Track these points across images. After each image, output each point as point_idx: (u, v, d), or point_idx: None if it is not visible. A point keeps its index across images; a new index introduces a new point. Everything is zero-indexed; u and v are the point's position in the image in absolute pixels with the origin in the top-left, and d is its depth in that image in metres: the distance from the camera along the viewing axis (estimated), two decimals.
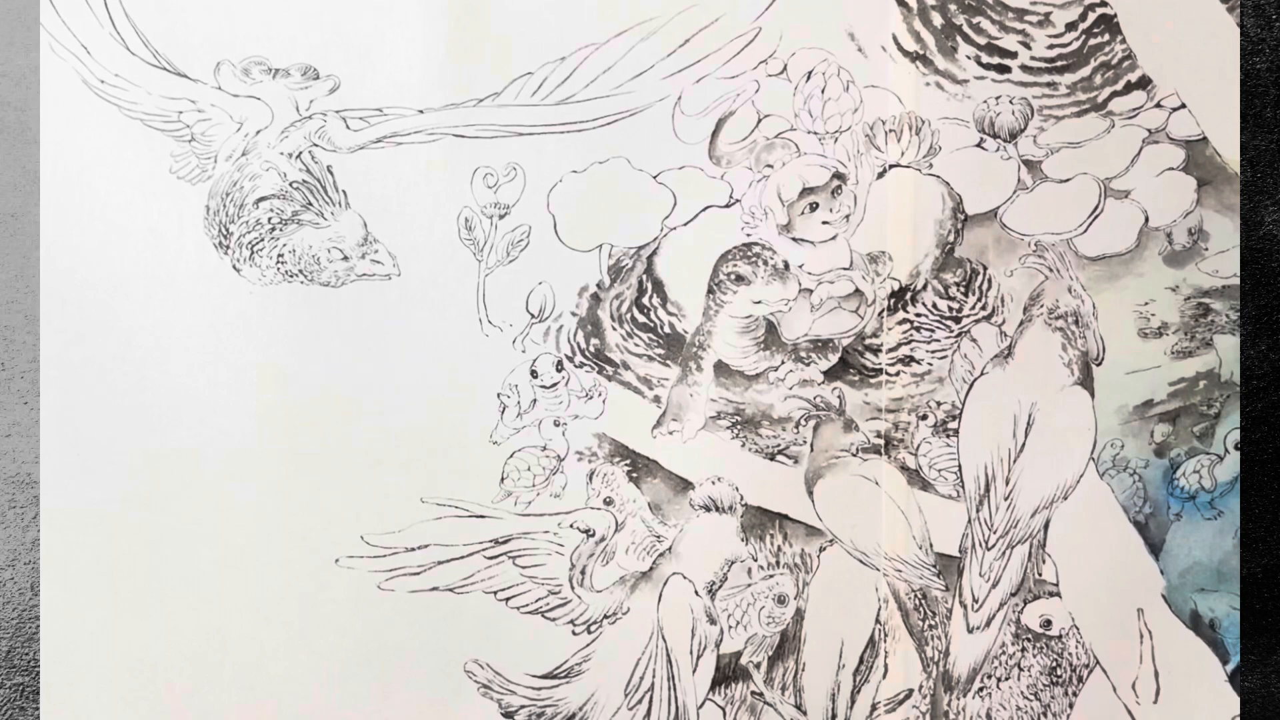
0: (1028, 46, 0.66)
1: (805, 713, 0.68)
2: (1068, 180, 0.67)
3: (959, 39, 0.66)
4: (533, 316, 0.65)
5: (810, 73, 0.65)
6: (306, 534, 0.65)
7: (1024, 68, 0.66)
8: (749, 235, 0.66)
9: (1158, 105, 0.66)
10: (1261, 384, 0.68)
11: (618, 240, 0.65)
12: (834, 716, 0.68)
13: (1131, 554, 0.68)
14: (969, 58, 0.66)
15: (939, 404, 0.67)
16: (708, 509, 0.66)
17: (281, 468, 0.64)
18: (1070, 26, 0.66)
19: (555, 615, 0.66)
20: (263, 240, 0.64)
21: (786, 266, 0.66)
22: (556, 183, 0.65)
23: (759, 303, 0.66)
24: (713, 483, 0.66)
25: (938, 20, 0.66)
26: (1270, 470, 0.69)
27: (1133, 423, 0.67)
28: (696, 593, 0.67)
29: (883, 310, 0.66)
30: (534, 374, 0.65)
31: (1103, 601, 0.68)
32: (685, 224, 0.66)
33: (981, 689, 0.68)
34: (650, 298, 0.66)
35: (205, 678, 0.65)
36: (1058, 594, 0.68)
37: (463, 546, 0.65)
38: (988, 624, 0.68)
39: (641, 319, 0.66)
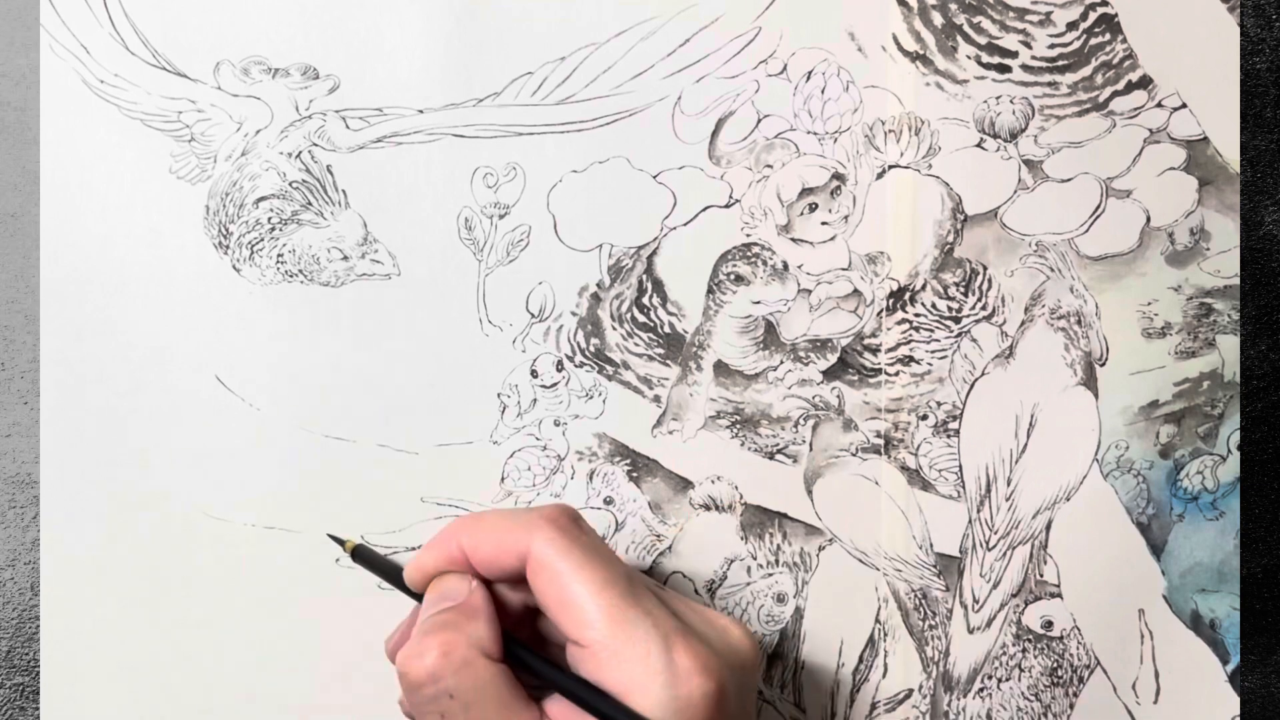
0: (1028, 46, 0.66)
1: (804, 711, 0.68)
2: (1069, 180, 0.66)
3: (959, 39, 0.66)
4: (533, 316, 0.65)
5: (810, 73, 0.65)
6: (306, 534, 0.65)
7: (1025, 67, 0.66)
8: (748, 235, 0.66)
9: (1159, 105, 0.66)
10: (1261, 384, 0.68)
11: (618, 240, 0.65)
12: (833, 715, 0.68)
13: (1133, 555, 0.68)
14: (969, 58, 0.66)
15: (939, 404, 0.67)
16: (707, 508, 0.66)
17: (281, 467, 0.64)
18: (1071, 26, 0.66)
19: None
20: (262, 240, 0.64)
21: (786, 267, 0.66)
22: (556, 183, 0.65)
23: (758, 303, 0.66)
24: (712, 482, 0.66)
25: (938, 20, 0.65)
26: (1270, 470, 0.68)
27: (1138, 424, 0.67)
28: (696, 591, 0.67)
29: (881, 310, 0.66)
30: (534, 374, 0.65)
31: (1104, 603, 0.68)
32: (685, 224, 0.65)
33: (982, 689, 0.68)
34: (650, 297, 0.66)
35: (205, 678, 0.65)
36: (1059, 595, 0.68)
37: None
38: (988, 624, 0.68)
39: (641, 319, 0.66)
